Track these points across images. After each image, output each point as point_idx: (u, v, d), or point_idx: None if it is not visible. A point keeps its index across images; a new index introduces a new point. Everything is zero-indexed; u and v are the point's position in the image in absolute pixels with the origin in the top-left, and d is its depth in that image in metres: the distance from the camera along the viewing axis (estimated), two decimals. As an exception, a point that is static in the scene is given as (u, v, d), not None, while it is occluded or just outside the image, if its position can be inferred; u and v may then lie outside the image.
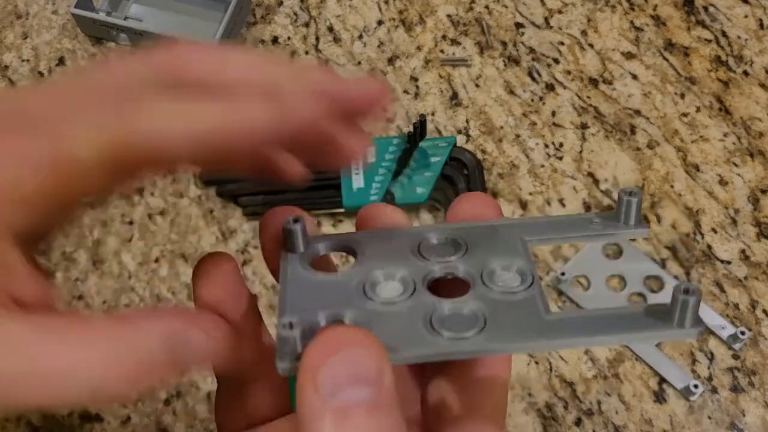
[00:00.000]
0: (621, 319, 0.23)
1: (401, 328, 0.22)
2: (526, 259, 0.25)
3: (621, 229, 0.26)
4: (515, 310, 0.23)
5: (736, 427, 0.44)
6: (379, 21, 0.58)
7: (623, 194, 0.25)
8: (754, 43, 0.56)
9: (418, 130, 0.50)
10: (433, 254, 0.25)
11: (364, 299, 0.23)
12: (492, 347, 0.22)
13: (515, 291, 0.24)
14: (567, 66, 0.55)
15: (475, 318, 0.23)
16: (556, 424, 0.45)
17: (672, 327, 0.22)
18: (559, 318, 0.23)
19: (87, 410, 0.46)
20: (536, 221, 0.27)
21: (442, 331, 0.22)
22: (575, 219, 0.27)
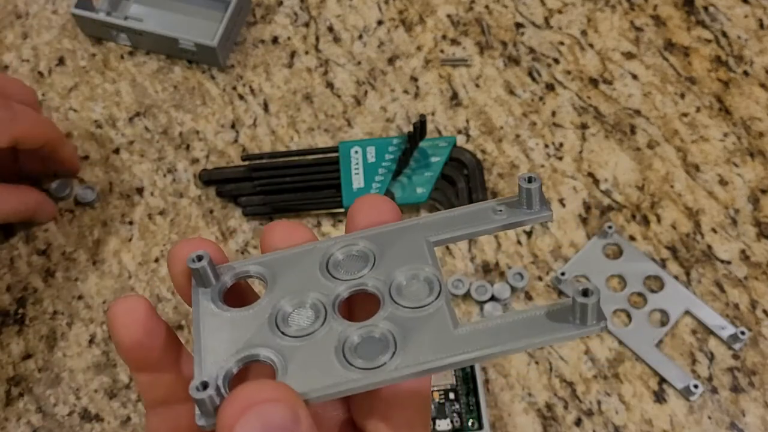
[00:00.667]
0: (527, 324, 0.23)
1: (315, 362, 0.23)
2: (432, 264, 0.25)
3: (526, 216, 0.26)
4: (425, 328, 0.23)
5: (736, 427, 0.44)
6: (379, 21, 0.58)
7: (522, 182, 0.25)
8: (754, 43, 0.56)
9: (418, 130, 0.50)
10: (341, 270, 0.25)
11: (276, 333, 0.24)
12: (403, 373, 0.22)
13: (424, 305, 0.24)
14: (567, 66, 0.55)
15: (386, 342, 0.23)
16: (556, 424, 0.45)
17: (575, 327, 0.22)
18: (467, 331, 0.23)
19: (87, 410, 0.46)
20: (438, 218, 0.27)
21: (354, 360, 0.23)
22: (478, 210, 0.27)
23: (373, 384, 0.22)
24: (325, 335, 0.23)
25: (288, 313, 0.24)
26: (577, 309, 0.22)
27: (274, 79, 0.56)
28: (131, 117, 0.55)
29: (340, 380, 0.22)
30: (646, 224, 0.50)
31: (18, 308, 0.49)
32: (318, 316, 0.24)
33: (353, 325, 0.24)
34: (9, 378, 0.48)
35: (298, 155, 0.52)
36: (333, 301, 0.24)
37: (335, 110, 0.55)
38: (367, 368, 0.22)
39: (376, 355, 0.23)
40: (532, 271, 0.49)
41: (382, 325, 0.23)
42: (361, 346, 0.23)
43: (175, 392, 0.26)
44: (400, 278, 0.25)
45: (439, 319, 0.23)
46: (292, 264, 0.26)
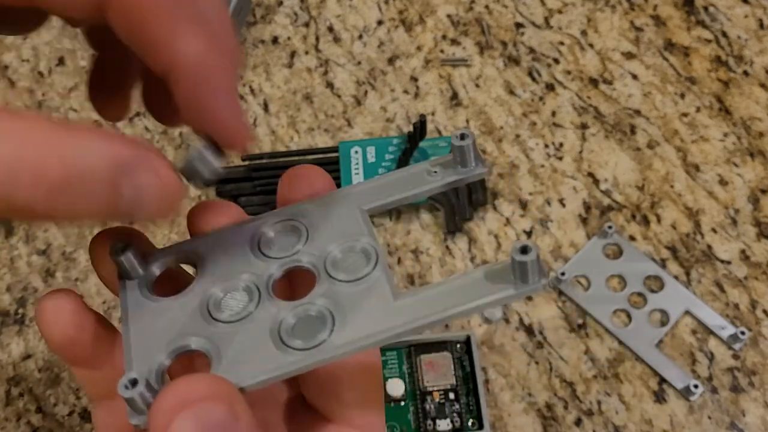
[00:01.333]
0: (467, 288, 0.22)
1: (250, 347, 0.22)
2: (368, 234, 0.24)
3: (461, 174, 0.25)
4: (363, 301, 0.22)
5: (736, 427, 0.44)
6: (379, 21, 0.58)
7: (455, 140, 0.25)
8: (754, 43, 0.56)
9: (418, 130, 0.50)
10: (273, 248, 0.24)
11: (208, 320, 0.22)
12: (342, 350, 0.21)
13: (360, 276, 0.23)
14: (567, 66, 0.55)
15: (323, 319, 0.22)
16: (556, 424, 0.45)
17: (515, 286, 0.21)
18: (407, 302, 0.22)
19: (87, 410, 0.46)
20: (371, 186, 0.26)
21: (292, 341, 0.22)
22: (412, 173, 0.26)
23: (310, 364, 0.21)
24: (259, 318, 0.22)
25: (220, 298, 0.23)
26: (517, 267, 0.21)
27: (274, 79, 0.56)
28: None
29: (278, 364, 0.21)
30: (646, 224, 0.50)
31: (18, 308, 0.49)
32: (252, 298, 0.23)
33: (288, 305, 0.23)
34: (9, 378, 0.48)
35: (298, 155, 0.52)
36: (266, 282, 0.23)
37: (335, 110, 0.55)
38: (305, 348, 0.21)
39: (314, 334, 0.22)
40: (532, 271, 0.48)
41: (319, 302, 0.22)
42: (298, 325, 0.22)
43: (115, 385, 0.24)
44: (335, 251, 0.24)
45: (378, 290, 0.22)
46: (221, 246, 0.24)
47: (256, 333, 0.22)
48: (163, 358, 0.22)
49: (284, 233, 0.25)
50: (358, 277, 0.23)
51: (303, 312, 0.22)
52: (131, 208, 0.20)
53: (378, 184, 0.25)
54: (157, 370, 0.22)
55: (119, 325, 0.24)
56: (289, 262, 0.24)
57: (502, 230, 0.50)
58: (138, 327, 0.23)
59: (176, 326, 0.22)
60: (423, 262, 0.49)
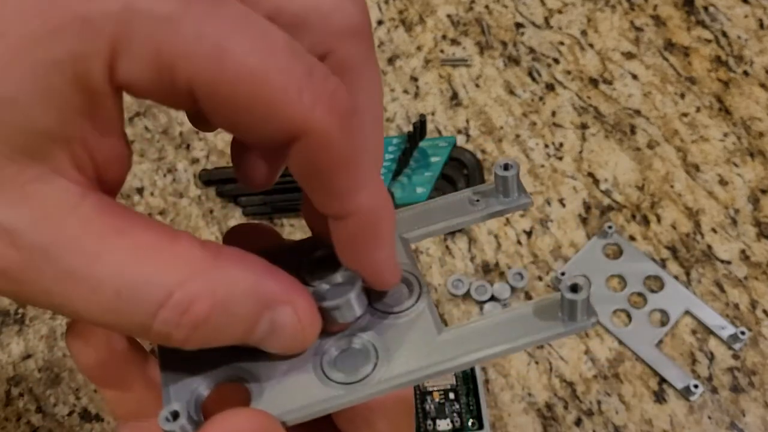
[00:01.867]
0: (514, 324, 0.22)
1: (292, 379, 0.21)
2: (411, 262, 0.24)
3: (504, 205, 0.25)
4: (407, 334, 0.22)
5: (736, 427, 0.44)
6: (379, 21, 0.58)
7: (498, 169, 0.24)
8: (754, 43, 0.56)
9: (418, 130, 0.50)
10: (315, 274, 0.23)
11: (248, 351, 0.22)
12: (387, 386, 0.21)
13: (405, 309, 0.22)
14: (567, 66, 0.55)
15: (367, 352, 0.22)
16: (556, 424, 0.45)
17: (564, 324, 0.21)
18: (452, 336, 0.22)
19: (87, 410, 0.46)
20: (413, 212, 0.25)
21: (333, 374, 0.21)
22: (454, 201, 0.25)
23: (354, 400, 0.21)
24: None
25: None
26: (566, 305, 0.21)
27: (274, 79, 0.56)
28: (131, 117, 0.55)
29: (320, 398, 0.21)
30: (646, 224, 0.50)
31: (18, 308, 0.49)
32: None
33: (330, 337, 0.22)
34: (9, 378, 0.48)
35: (298, 155, 0.52)
36: None
37: (335, 110, 0.55)
38: (348, 382, 0.21)
39: (357, 368, 0.21)
40: (532, 271, 0.49)
41: (363, 336, 0.22)
42: (341, 358, 0.22)
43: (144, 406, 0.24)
44: None
45: (422, 323, 0.22)
46: None
47: (298, 364, 0.22)
48: (201, 388, 0.21)
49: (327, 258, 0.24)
50: (401, 309, 0.23)
51: (346, 344, 0.22)
52: (261, 341, 0.20)
53: (419, 212, 0.25)
54: (197, 401, 0.21)
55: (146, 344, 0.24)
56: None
57: (502, 230, 0.50)
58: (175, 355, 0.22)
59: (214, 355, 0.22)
60: (423, 262, 0.49)
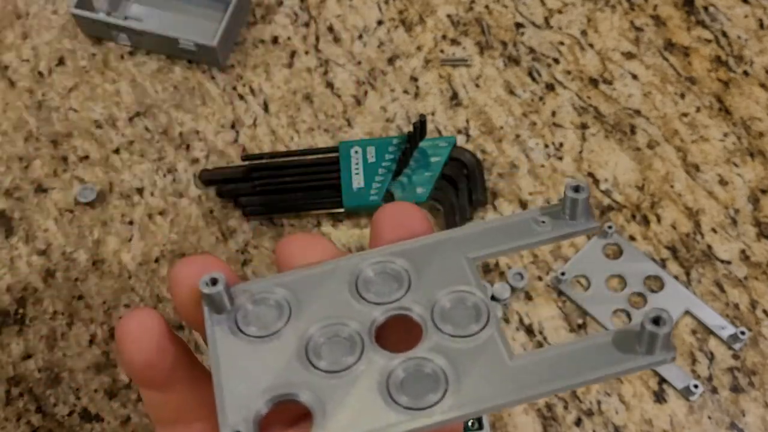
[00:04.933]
0: (589, 354, 0.21)
1: (356, 401, 0.20)
2: (477, 285, 0.22)
3: (571, 228, 0.24)
4: (477, 360, 0.21)
5: (736, 427, 0.44)
6: (379, 21, 0.58)
7: (569, 191, 0.23)
8: (754, 43, 0.56)
9: (418, 130, 0.50)
10: (373, 291, 0.22)
11: (308, 368, 0.21)
12: (458, 414, 0.20)
13: (473, 333, 0.21)
14: (567, 66, 0.55)
15: (437, 378, 0.21)
16: (556, 424, 0.45)
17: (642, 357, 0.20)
18: (524, 363, 0.21)
19: (87, 410, 0.46)
20: (478, 231, 0.24)
21: (400, 398, 0.20)
22: (520, 221, 0.24)
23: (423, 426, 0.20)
24: (364, 370, 0.21)
25: (320, 343, 0.22)
26: (645, 337, 0.20)
27: (274, 79, 0.56)
28: (131, 117, 0.55)
29: (386, 422, 0.20)
30: (646, 224, 0.50)
31: (18, 308, 0.49)
32: (353, 346, 0.22)
33: (396, 357, 0.21)
34: (9, 378, 0.48)
35: (298, 155, 0.52)
36: (369, 329, 0.22)
37: (335, 110, 0.55)
38: (415, 408, 0.20)
39: (425, 394, 0.20)
40: (532, 271, 0.49)
41: (433, 359, 0.21)
42: (407, 382, 0.21)
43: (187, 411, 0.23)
44: (443, 301, 0.22)
45: (492, 349, 0.21)
46: (316, 284, 0.23)
47: (362, 386, 0.21)
48: (260, 405, 0.20)
49: (384, 276, 0.23)
50: (469, 333, 0.21)
51: (415, 368, 0.21)
52: None
53: (485, 230, 0.24)
54: (254, 419, 0.20)
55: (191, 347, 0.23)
56: (395, 308, 0.22)
57: (502, 230, 0.50)
58: (229, 368, 0.21)
59: (272, 371, 0.21)
60: (423, 262, 0.49)
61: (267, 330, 0.22)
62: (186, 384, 0.23)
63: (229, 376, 0.21)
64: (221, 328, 0.22)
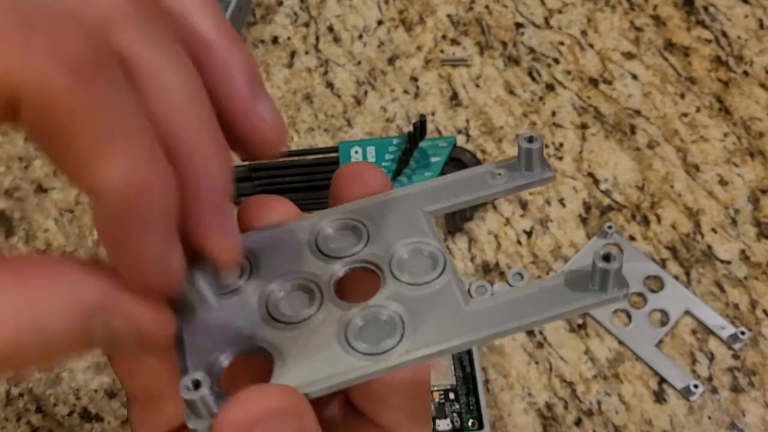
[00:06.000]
0: (543, 296, 0.21)
1: (315, 350, 0.21)
2: (433, 236, 0.23)
3: (527, 178, 0.24)
4: (433, 306, 0.21)
5: (736, 427, 0.44)
6: (379, 21, 0.58)
7: (523, 142, 0.24)
8: (754, 43, 0.56)
9: (418, 130, 0.50)
10: (332, 247, 0.23)
11: (268, 321, 0.22)
12: (414, 356, 0.20)
13: (430, 281, 0.22)
14: (567, 66, 0.55)
15: (393, 324, 0.21)
16: (556, 424, 0.45)
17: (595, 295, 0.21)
18: (479, 307, 0.21)
19: (87, 410, 0.46)
20: (434, 185, 0.25)
21: (358, 345, 0.21)
22: (475, 175, 0.25)
23: (381, 371, 0.20)
24: (323, 320, 0.22)
25: (279, 297, 0.22)
26: (597, 275, 0.20)
27: (274, 79, 0.56)
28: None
29: (345, 368, 0.20)
30: (646, 224, 0.50)
31: (18, 308, 0.49)
32: (312, 299, 0.22)
33: (354, 307, 0.22)
34: (9, 378, 0.48)
35: (298, 155, 0.52)
36: (328, 282, 0.22)
37: (335, 110, 0.55)
38: (374, 353, 0.21)
39: (382, 339, 0.21)
40: (532, 271, 0.49)
41: (389, 306, 0.21)
42: (365, 329, 0.21)
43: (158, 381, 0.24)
44: (401, 251, 0.23)
45: (448, 295, 0.22)
46: (276, 243, 0.24)
47: (321, 335, 0.21)
48: (221, 358, 0.21)
49: (343, 232, 0.24)
50: (426, 280, 0.22)
51: (372, 315, 0.21)
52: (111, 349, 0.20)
53: (439, 185, 0.25)
54: (217, 371, 0.21)
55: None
56: (353, 261, 0.23)
57: (502, 230, 0.50)
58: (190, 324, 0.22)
59: (233, 325, 0.22)
60: (423, 262, 0.49)
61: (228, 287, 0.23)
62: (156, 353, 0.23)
63: (191, 331, 0.22)
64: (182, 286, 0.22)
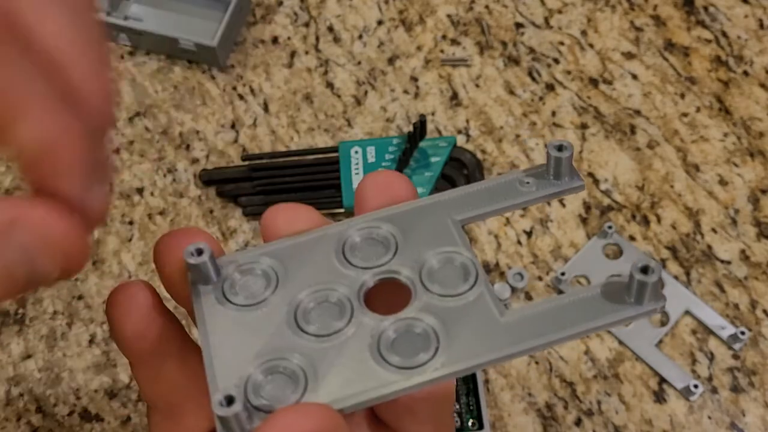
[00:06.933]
0: (579, 307, 0.21)
1: (347, 363, 0.20)
2: (464, 245, 0.22)
3: (556, 187, 0.24)
4: (467, 318, 0.21)
5: (736, 427, 0.44)
6: (379, 21, 0.58)
7: (552, 150, 0.23)
8: (754, 43, 0.56)
9: (418, 130, 0.50)
10: (360, 257, 0.23)
11: (298, 334, 0.21)
12: (451, 370, 0.20)
13: (462, 292, 0.21)
14: (567, 66, 0.55)
15: (427, 337, 0.21)
16: (556, 424, 0.45)
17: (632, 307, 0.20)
18: (515, 319, 0.21)
19: (87, 410, 0.46)
20: (463, 194, 0.24)
21: (391, 358, 0.20)
22: (504, 182, 0.24)
23: (419, 385, 0.20)
24: (354, 332, 0.21)
25: (309, 309, 0.22)
26: (634, 288, 0.20)
27: (274, 79, 0.56)
28: (131, 117, 0.55)
29: (379, 383, 0.20)
30: (646, 224, 0.50)
31: (18, 308, 0.49)
32: (343, 310, 0.22)
33: (386, 319, 0.21)
34: (9, 378, 0.48)
35: (298, 155, 0.52)
36: (358, 293, 0.22)
37: (335, 110, 0.55)
38: (407, 367, 0.20)
39: (416, 353, 0.20)
40: (532, 271, 0.49)
41: (423, 318, 0.21)
42: (398, 342, 0.21)
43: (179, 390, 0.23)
44: (431, 261, 0.22)
45: (482, 306, 0.21)
46: (303, 252, 0.23)
47: (353, 348, 0.21)
48: (254, 373, 0.20)
49: (371, 241, 0.23)
50: (458, 292, 0.21)
51: (405, 328, 0.21)
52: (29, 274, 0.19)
53: (468, 193, 0.24)
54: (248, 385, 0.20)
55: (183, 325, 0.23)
56: (383, 272, 0.22)
57: (502, 230, 0.50)
58: (218, 337, 0.21)
59: (262, 337, 0.21)
60: (423, 262, 0.49)
61: (255, 299, 0.22)
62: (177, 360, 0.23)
63: (218, 344, 0.21)
64: (208, 298, 0.22)
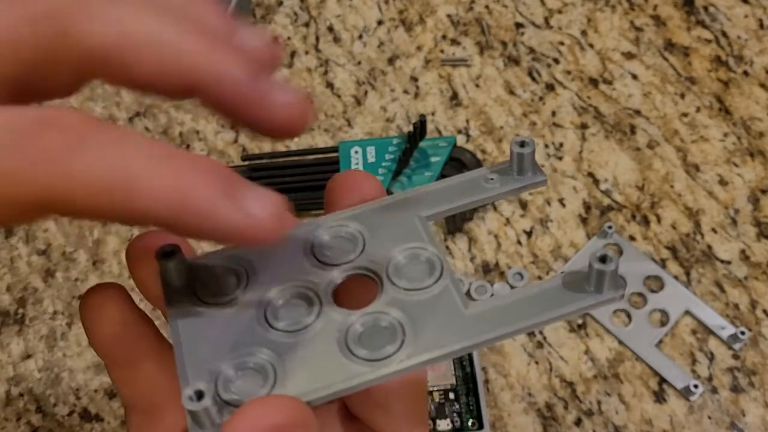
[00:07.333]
0: (541, 298, 0.21)
1: (315, 357, 0.21)
2: (430, 242, 0.23)
3: (519, 182, 0.24)
4: (433, 310, 0.22)
5: (736, 427, 0.44)
6: (379, 21, 0.58)
7: (515, 146, 0.24)
8: (754, 43, 0.56)
9: (418, 130, 0.50)
10: (329, 254, 0.23)
11: (267, 330, 0.22)
12: (416, 361, 0.20)
13: (428, 286, 0.22)
14: (567, 66, 0.55)
15: (393, 330, 0.21)
16: (556, 424, 0.45)
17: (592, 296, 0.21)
18: (479, 311, 0.21)
19: (87, 410, 0.46)
20: (428, 191, 0.25)
21: (359, 351, 0.21)
22: (469, 180, 0.25)
23: (385, 376, 0.20)
24: (323, 327, 0.22)
25: (278, 306, 0.22)
26: (593, 276, 0.21)
27: (274, 79, 0.56)
28: (131, 117, 0.55)
29: (347, 375, 0.20)
30: (646, 224, 0.50)
31: (18, 308, 0.49)
32: (311, 306, 0.22)
33: (354, 314, 0.22)
34: (9, 378, 0.48)
35: (298, 155, 0.52)
36: (326, 289, 0.22)
37: (335, 110, 0.55)
38: (374, 359, 0.21)
39: (382, 345, 0.21)
40: (532, 271, 0.49)
41: (389, 312, 0.22)
42: (365, 335, 0.21)
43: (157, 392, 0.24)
44: (398, 257, 0.23)
45: (447, 299, 0.22)
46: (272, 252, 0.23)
47: (321, 342, 0.21)
48: (223, 367, 0.21)
49: (339, 239, 0.24)
50: (423, 286, 0.22)
51: (372, 321, 0.22)
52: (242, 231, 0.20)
53: (434, 190, 0.25)
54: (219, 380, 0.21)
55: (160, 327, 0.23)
56: (351, 268, 0.23)
57: (502, 230, 0.50)
58: (189, 336, 0.22)
59: (232, 335, 0.22)
60: (423, 262, 0.49)
61: (225, 297, 0.23)
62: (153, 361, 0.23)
63: (189, 342, 0.21)
64: (179, 297, 0.22)
